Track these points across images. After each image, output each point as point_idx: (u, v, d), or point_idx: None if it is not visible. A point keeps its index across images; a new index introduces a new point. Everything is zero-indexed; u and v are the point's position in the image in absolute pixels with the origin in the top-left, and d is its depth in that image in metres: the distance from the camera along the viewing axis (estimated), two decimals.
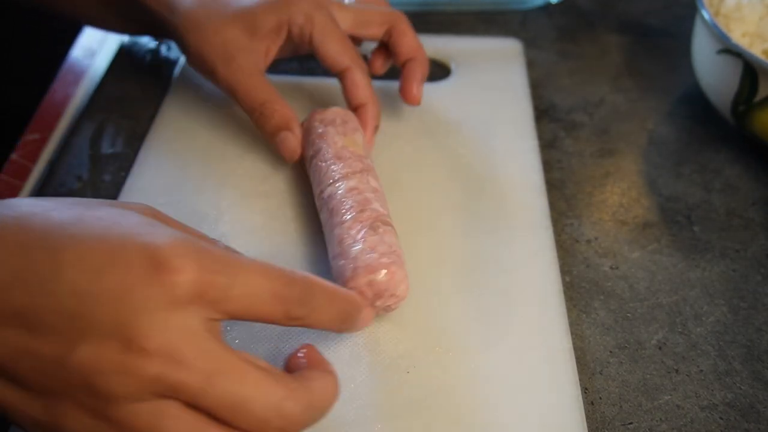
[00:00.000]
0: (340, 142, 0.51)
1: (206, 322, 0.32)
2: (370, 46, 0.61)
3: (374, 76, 0.58)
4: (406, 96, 0.56)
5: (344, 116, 0.53)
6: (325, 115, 0.53)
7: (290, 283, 0.34)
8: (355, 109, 0.55)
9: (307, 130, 0.53)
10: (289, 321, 0.34)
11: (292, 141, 0.53)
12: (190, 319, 0.31)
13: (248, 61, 0.53)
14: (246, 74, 0.53)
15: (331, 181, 0.48)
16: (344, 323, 0.38)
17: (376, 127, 0.56)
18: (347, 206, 0.46)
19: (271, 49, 0.54)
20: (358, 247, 0.43)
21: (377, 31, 0.57)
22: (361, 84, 0.54)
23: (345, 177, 0.48)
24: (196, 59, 0.54)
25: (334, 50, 0.53)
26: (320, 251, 0.49)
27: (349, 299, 0.38)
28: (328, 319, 0.37)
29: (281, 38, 0.54)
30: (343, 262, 0.43)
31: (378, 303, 0.43)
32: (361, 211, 0.46)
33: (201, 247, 0.32)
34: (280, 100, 0.53)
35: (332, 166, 0.49)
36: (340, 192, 0.47)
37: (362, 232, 0.44)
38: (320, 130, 0.52)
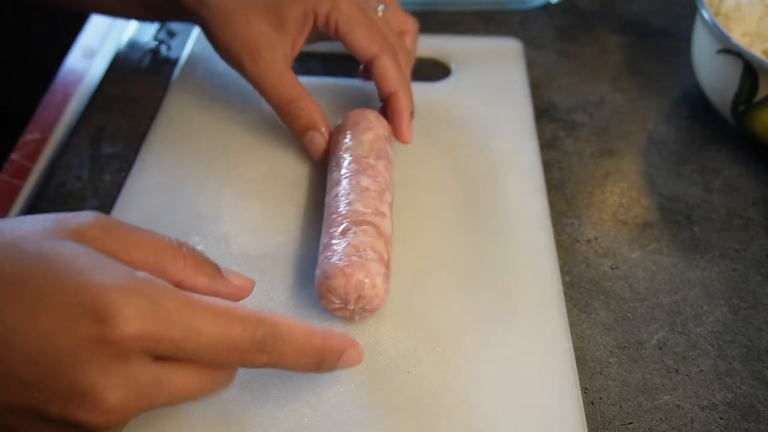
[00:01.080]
0: (343, 147, 0.51)
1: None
2: None
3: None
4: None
5: (358, 117, 0.54)
6: (344, 120, 0.54)
7: (249, 330, 0.33)
8: (386, 98, 0.54)
9: (333, 134, 0.55)
10: (251, 365, 0.34)
11: (319, 141, 0.54)
12: (137, 369, 0.31)
13: (275, 56, 0.52)
14: (273, 71, 0.52)
15: (328, 189, 0.50)
16: (321, 366, 0.37)
17: (411, 114, 0.55)
18: (329, 214, 0.47)
19: (297, 41, 0.53)
20: (324, 254, 0.44)
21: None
22: (389, 72, 0.53)
23: (336, 183, 0.49)
24: (224, 53, 0.54)
25: (361, 38, 0.52)
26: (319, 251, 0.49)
27: (323, 343, 0.36)
28: (296, 363, 0.36)
29: (307, 29, 0.53)
30: (316, 270, 0.44)
31: (350, 307, 0.43)
32: (336, 216, 0.46)
33: (150, 292, 0.31)
34: (308, 97, 0.53)
35: (332, 174, 0.50)
36: (330, 199, 0.48)
37: (332, 239, 0.45)
38: (336, 136, 0.53)
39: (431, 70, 0.68)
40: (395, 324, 0.45)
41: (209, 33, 0.54)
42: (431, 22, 0.75)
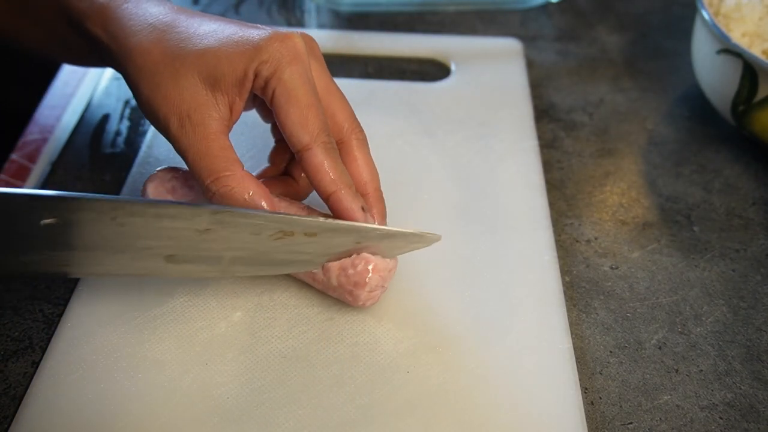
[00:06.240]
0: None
1: None
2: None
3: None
4: None
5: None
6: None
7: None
8: (325, 200, 0.44)
9: None
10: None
11: None
12: None
13: (206, 119, 0.43)
14: (200, 135, 0.42)
15: None
16: None
17: (382, 215, 0.46)
18: None
19: (236, 104, 0.44)
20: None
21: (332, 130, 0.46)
22: (320, 169, 0.43)
23: None
24: (146, 109, 0.44)
25: (293, 119, 0.42)
26: None
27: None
28: None
29: (246, 90, 0.43)
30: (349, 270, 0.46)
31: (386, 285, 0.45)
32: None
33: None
34: (240, 171, 0.42)
35: None
36: None
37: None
38: None
39: (431, 70, 0.68)
40: (395, 324, 0.45)
41: (131, 86, 0.45)
42: (431, 22, 0.75)
